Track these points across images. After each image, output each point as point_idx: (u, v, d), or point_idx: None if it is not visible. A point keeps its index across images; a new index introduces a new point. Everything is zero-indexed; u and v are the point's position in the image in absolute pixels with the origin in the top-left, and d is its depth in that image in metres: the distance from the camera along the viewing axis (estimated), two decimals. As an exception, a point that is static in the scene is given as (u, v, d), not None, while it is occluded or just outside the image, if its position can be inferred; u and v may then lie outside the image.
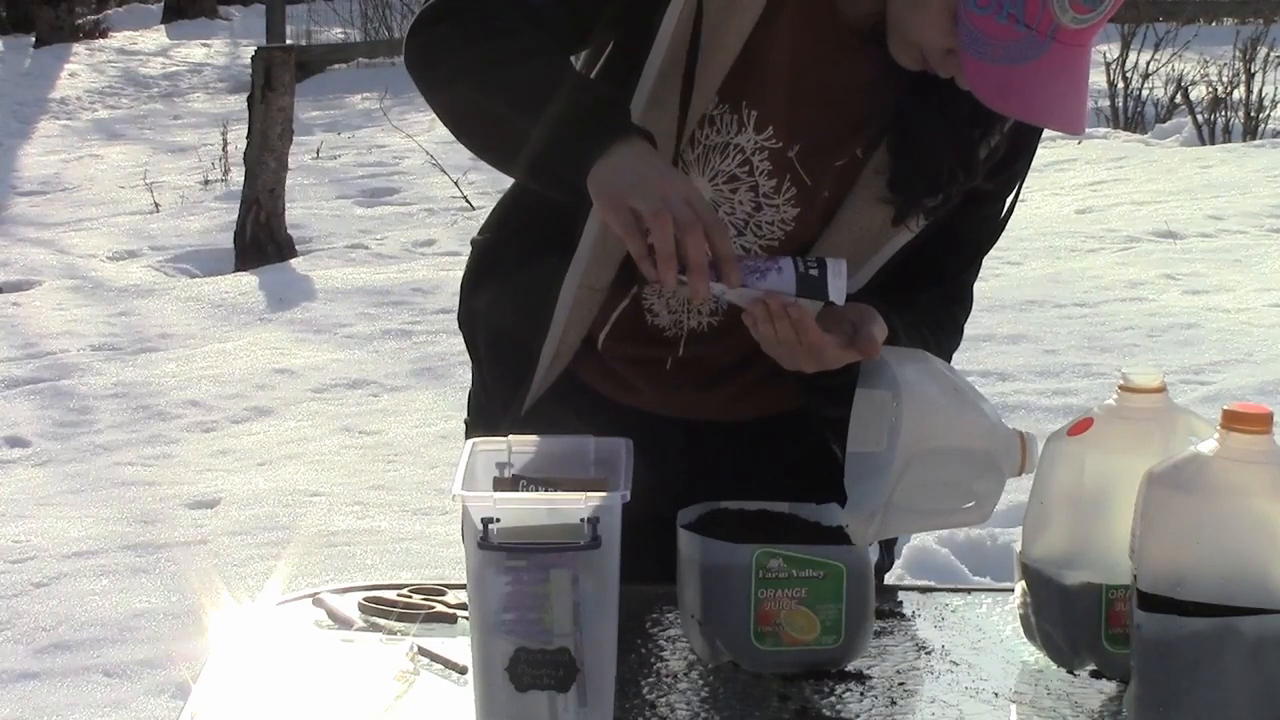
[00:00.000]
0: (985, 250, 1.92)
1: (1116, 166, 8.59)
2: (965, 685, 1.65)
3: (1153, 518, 1.46)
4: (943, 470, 1.62)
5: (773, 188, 1.80)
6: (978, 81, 1.62)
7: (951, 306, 1.92)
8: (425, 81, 1.75)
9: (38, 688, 3.56)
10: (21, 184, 10.29)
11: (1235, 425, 1.44)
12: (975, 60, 1.61)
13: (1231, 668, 1.43)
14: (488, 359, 1.98)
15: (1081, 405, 4.60)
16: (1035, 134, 1.83)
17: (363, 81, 13.54)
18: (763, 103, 1.77)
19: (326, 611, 1.80)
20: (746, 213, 1.81)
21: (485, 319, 1.97)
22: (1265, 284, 6.28)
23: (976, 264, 1.94)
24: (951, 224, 1.83)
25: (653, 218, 1.55)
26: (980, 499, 1.65)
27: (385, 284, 7.11)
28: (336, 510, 4.58)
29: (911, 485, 1.61)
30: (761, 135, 1.78)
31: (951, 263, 1.89)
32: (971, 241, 1.90)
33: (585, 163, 1.60)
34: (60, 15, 16.33)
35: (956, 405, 1.65)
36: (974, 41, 1.61)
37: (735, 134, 1.78)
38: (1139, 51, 10.15)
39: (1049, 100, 1.63)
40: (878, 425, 1.67)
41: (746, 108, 1.77)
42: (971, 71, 1.62)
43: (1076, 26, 1.60)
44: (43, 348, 6.45)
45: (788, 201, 1.81)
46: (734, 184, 1.80)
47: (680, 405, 1.92)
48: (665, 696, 1.62)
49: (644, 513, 1.53)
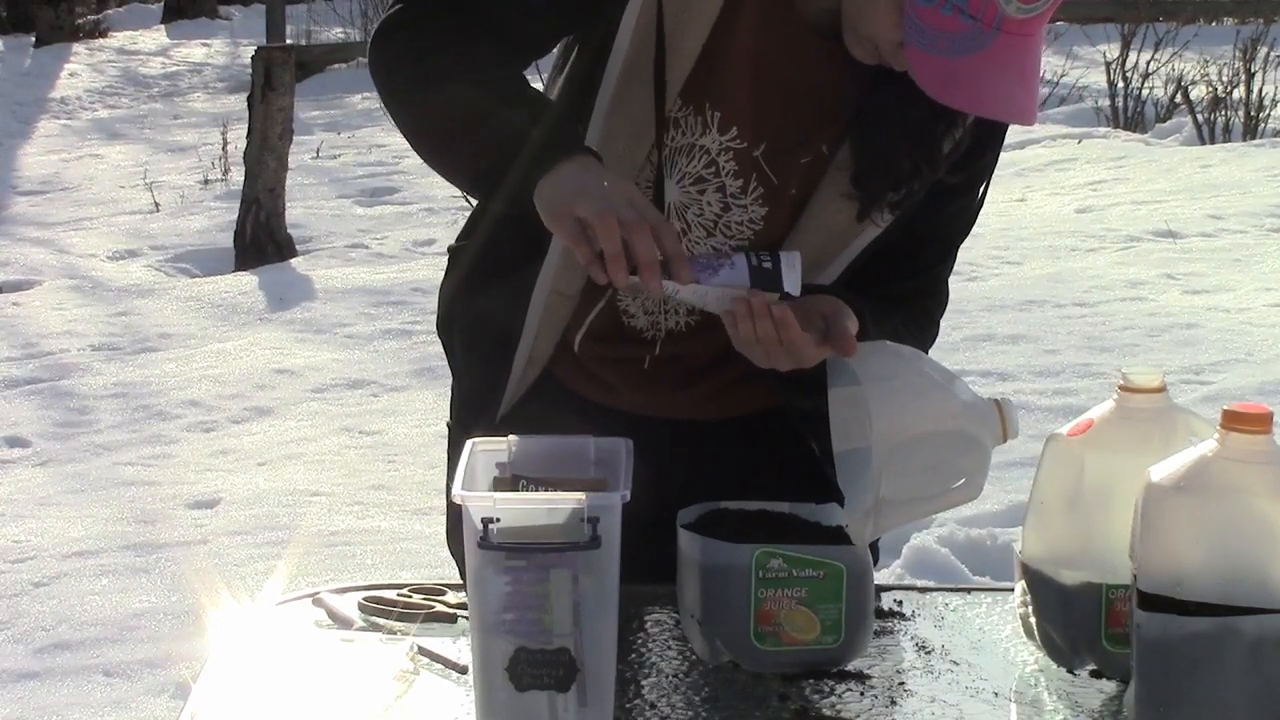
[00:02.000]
0: (957, 243, 1.92)
1: (1116, 166, 8.59)
2: (965, 685, 1.65)
3: (1153, 518, 1.46)
4: (924, 456, 1.62)
5: (739, 188, 1.80)
6: (924, 74, 1.63)
7: (924, 300, 1.92)
8: (383, 93, 1.76)
9: (38, 688, 3.56)
10: (21, 184, 10.29)
11: (1235, 425, 1.44)
12: (921, 53, 1.62)
13: (1231, 668, 1.43)
14: (464, 365, 1.99)
15: (1081, 405, 4.59)
16: (1002, 127, 1.83)
17: (363, 81, 13.49)
18: (726, 103, 1.77)
19: (326, 611, 1.80)
20: (715, 213, 1.82)
21: (461, 326, 1.98)
22: (1265, 284, 6.28)
23: (949, 257, 1.94)
24: (921, 217, 1.83)
25: (598, 221, 1.55)
26: (969, 475, 1.65)
27: (385, 284, 7.11)
28: (336, 510, 4.58)
29: (897, 477, 1.61)
30: (726, 136, 1.78)
31: (923, 256, 1.89)
32: (942, 235, 1.90)
33: (531, 181, 1.61)
34: (60, 15, 16.33)
35: (922, 390, 1.65)
36: (919, 34, 1.61)
37: (700, 136, 1.78)
38: (1139, 51, 10.16)
39: (997, 92, 1.63)
40: (856, 421, 1.66)
41: (710, 109, 1.77)
42: (918, 64, 1.63)
43: (1022, 16, 1.60)
44: (43, 348, 6.45)
45: (755, 201, 1.81)
46: (701, 185, 1.80)
47: (660, 404, 1.92)
48: (665, 696, 1.62)
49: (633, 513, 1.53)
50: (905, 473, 1.62)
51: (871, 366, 1.65)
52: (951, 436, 1.64)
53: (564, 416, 1.80)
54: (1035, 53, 1.64)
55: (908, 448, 1.61)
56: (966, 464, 1.65)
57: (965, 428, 1.64)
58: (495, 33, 1.72)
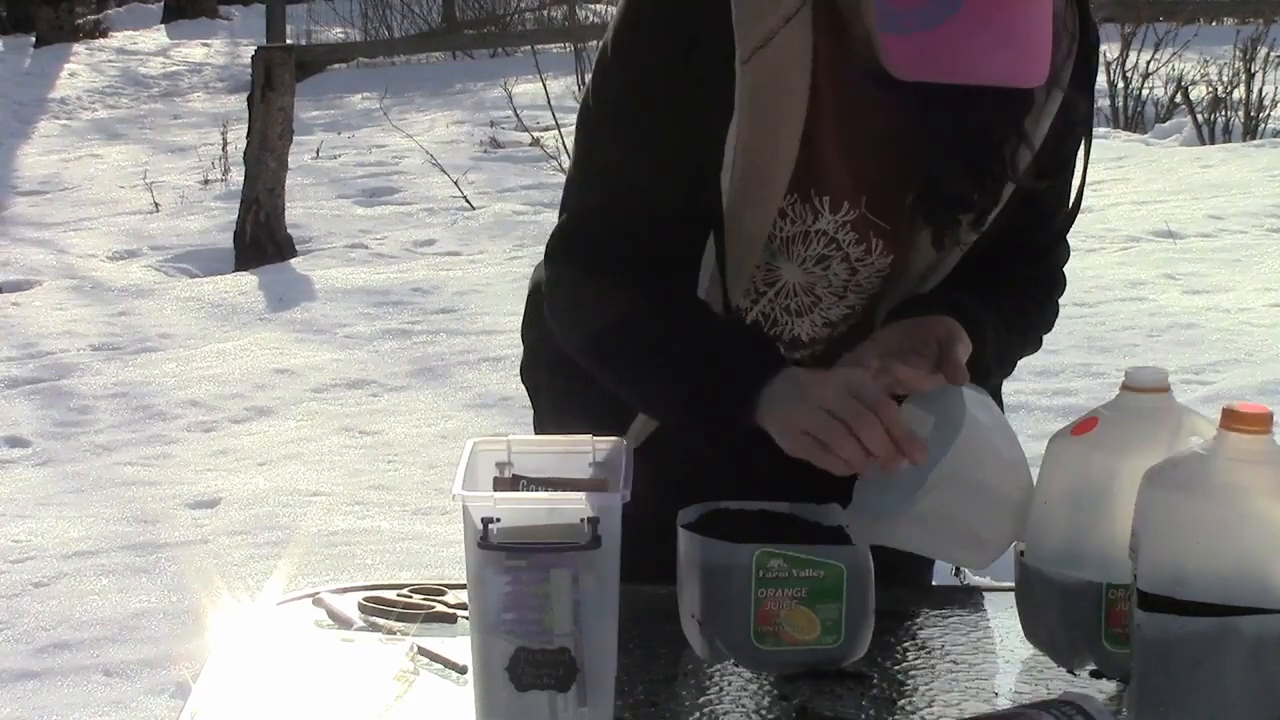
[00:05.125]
0: (1058, 218, 1.89)
1: (1116, 166, 8.59)
2: (965, 685, 1.65)
3: (1153, 518, 1.46)
4: (966, 505, 1.61)
5: (864, 251, 1.82)
6: (895, 58, 1.56)
7: (1037, 288, 1.92)
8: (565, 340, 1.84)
9: (38, 688, 3.56)
10: (21, 184, 10.29)
11: (1235, 425, 1.44)
12: (894, 37, 1.56)
13: (1231, 668, 1.43)
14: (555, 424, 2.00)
15: (1081, 405, 4.60)
16: (1081, 110, 1.75)
17: (363, 81, 13.54)
18: (830, 186, 1.77)
19: (326, 611, 1.80)
20: (844, 279, 1.83)
21: (553, 401, 2.01)
22: (1265, 284, 6.28)
23: (1057, 241, 1.92)
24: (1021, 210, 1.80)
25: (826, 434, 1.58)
26: (985, 546, 1.65)
27: (385, 284, 7.11)
28: (336, 510, 4.58)
29: (932, 507, 1.60)
30: (839, 214, 1.79)
31: (1030, 238, 1.87)
32: (1045, 215, 1.87)
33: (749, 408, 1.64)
34: (60, 15, 16.33)
35: (1008, 449, 1.65)
36: (887, 17, 1.56)
37: (812, 222, 1.79)
38: (1139, 51, 10.15)
39: (972, 58, 1.54)
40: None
41: (816, 196, 1.77)
42: (890, 49, 1.56)
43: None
44: (42, 348, 6.45)
45: (880, 254, 1.82)
46: (825, 262, 1.82)
47: None
48: (665, 696, 1.62)
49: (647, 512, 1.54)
50: (940, 508, 1.60)
51: (973, 400, 1.64)
52: (1001, 503, 1.63)
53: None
54: (1024, 6, 1.54)
55: (963, 487, 1.60)
56: (990, 535, 1.64)
57: (1017, 503, 1.64)
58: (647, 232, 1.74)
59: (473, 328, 6.28)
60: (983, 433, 1.62)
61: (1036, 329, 1.92)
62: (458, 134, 10.87)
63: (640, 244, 1.74)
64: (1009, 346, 1.84)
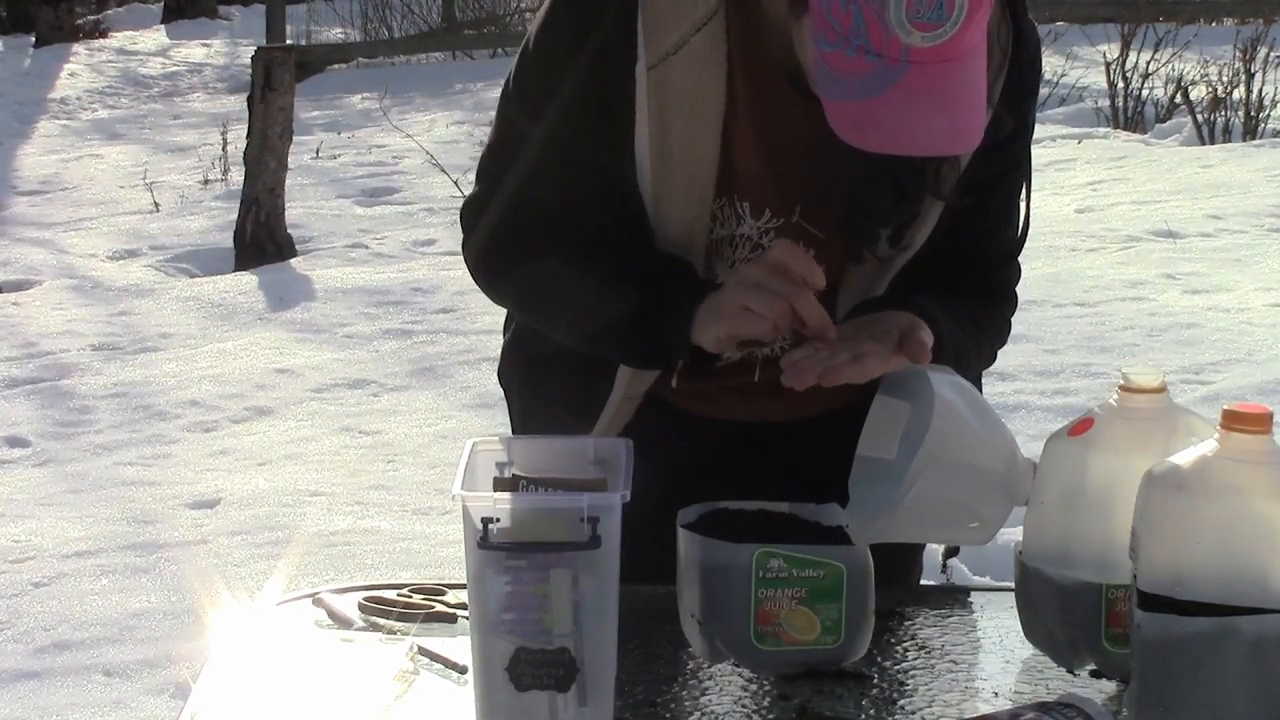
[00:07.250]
0: (1010, 238, 1.89)
1: (1116, 166, 8.59)
2: (965, 685, 1.65)
3: (1153, 518, 1.46)
4: (954, 487, 1.61)
5: None
6: (837, 122, 1.56)
7: (989, 303, 1.91)
8: (488, 293, 1.95)
9: (38, 688, 3.56)
10: (21, 184, 10.29)
11: (1235, 425, 1.44)
12: (835, 102, 1.55)
13: (1231, 668, 1.43)
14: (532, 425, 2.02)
15: (1081, 405, 4.60)
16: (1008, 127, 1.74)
17: (363, 81, 13.54)
18: (750, 193, 1.78)
19: (326, 611, 1.80)
20: None
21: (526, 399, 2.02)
22: (1265, 284, 6.28)
23: (1009, 261, 1.92)
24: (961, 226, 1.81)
25: (754, 299, 1.63)
26: (985, 521, 1.65)
27: (385, 284, 7.11)
28: (336, 510, 4.58)
29: (922, 494, 1.60)
30: (761, 220, 1.80)
31: (979, 252, 1.87)
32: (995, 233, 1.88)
33: (679, 345, 1.71)
34: (60, 15, 16.33)
35: (984, 425, 1.65)
36: (826, 79, 1.56)
37: (737, 226, 1.80)
38: (1139, 51, 10.15)
39: (915, 126, 1.54)
40: (890, 434, 1.66)
41: (738, 201, 1.79)
42: (831, 112, 1.56)
43: (928, 44, 1.51)
44: (42, 348, 6.45)
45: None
46: None
47: (755, 411, 1.93)
48: (665, 696, 1.62)
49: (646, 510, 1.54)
50: (932, 494, 1.61)
51: (941, 384, 1.64)
52: (988, 478, 1.63)
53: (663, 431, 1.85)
54: (961, 74, 1.55)
55: (947, 471, 1.60)
56: (986, 511, 1.64)
57: (1005, 474, 1.63)
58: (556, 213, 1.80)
59: (473, 327, 6.28)
60: (956, 412, 1.62)
61: (989, 336, 1.89)
62: (458, 134, 10.87)
63: (546, 225, 1.82)
64: (963, 349, 1.82)
